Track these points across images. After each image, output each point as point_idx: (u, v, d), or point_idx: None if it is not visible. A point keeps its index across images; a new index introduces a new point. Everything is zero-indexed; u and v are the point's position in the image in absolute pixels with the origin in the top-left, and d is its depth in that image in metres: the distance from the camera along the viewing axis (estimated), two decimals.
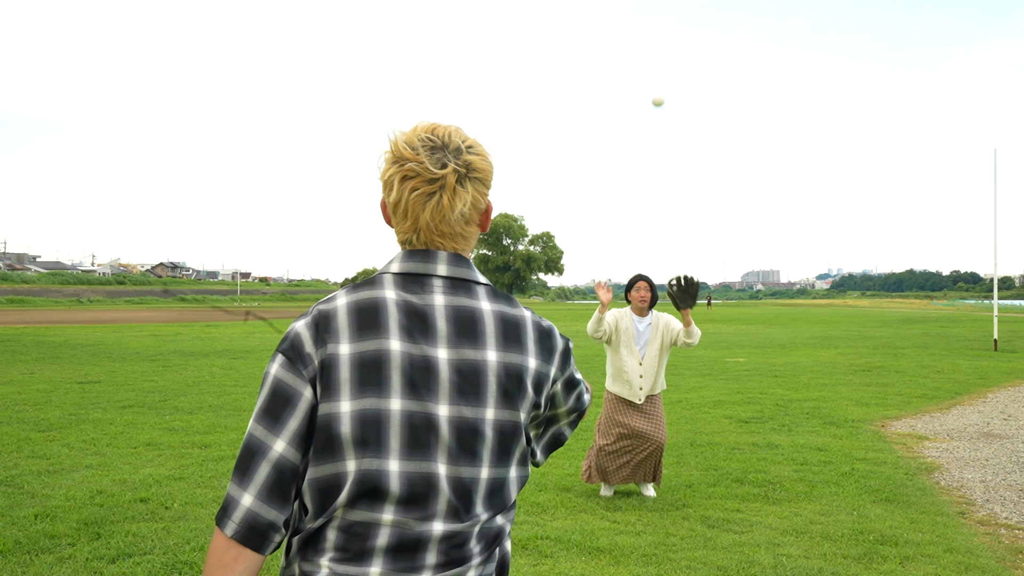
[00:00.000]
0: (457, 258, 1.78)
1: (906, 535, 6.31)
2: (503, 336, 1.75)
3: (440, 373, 1.67)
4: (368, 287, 1.73)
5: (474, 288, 1.77)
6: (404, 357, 1.66)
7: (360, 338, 1.66)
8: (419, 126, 1.77)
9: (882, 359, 22.12)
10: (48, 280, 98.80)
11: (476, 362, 1.70)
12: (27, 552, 5.78)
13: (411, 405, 1.65)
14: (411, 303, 1.71)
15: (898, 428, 11.24)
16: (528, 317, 1.82)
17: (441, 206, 1.73)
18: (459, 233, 1.78)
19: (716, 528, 6.50)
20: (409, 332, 1.68)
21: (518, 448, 1.76)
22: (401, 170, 1.73)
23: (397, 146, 1.74)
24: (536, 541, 6.09)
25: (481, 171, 1.78)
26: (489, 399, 1.70)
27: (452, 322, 1.71)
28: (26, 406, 12.44)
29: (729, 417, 11.88)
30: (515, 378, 1.74)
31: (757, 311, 79.40)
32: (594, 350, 25.13)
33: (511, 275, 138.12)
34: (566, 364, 1.90)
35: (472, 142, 1.79)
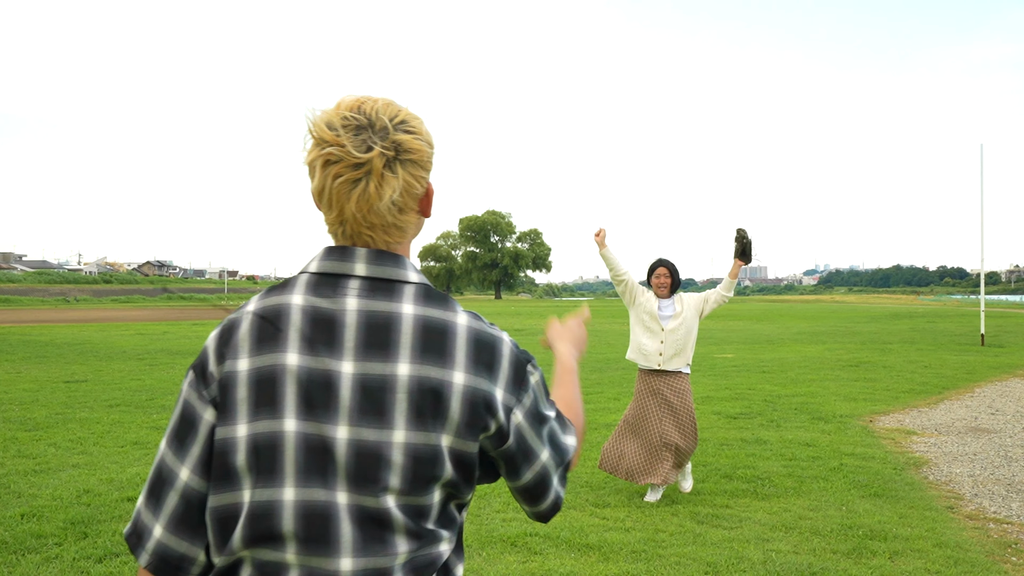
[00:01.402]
0: (380, 255, 1.56)
1: (895, 530, 6.31)
2: (422, 346, 1.50)
3: (340, 390, 1.47)
4: (279, 291, 1.56)
5: (398, 289, 1.54)
6: (302, 372, 1.47)
7: (258, 351, 1.50)
8: (342, 102, 1.56)
9: (869, 354, 22.18)
10: (34, 279, 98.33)
11: (383, 377, 1.48)
12: (14, 552, 5.74)
13: (307, 427, 1.46)
14: (319, 309, 1.51)
15: (886, 423, 11.27)
16: (463, 324, 1.55)
17: (367, 195, 1.52)
18: (391, 224, 1.56)
19: (705, 524, 6.50)
20: (311, 343, 1.49)
21: (444, 475, 1.51)
22: (323, 154, 1.52)
23: (317, 127, 1.53)
24: (525, 538, 6.07)
25: (414, 151, 1.55)
26: (397, 420, 1.47)
27: (362, 330, 1.50)
28: (12, 405, 12.37)
29: (717, 413, 11.88)
30: (431, 395, 1.48)
31: (745, 307, 79.54)
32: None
33: (499, 272, 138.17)
34: (520, 387, 1.59)
35: (405, 117, 1.57)
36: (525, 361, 1.62)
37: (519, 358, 1.61)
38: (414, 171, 1.56)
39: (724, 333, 32.91)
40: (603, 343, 27.07)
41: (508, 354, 1.58)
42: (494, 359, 1.56)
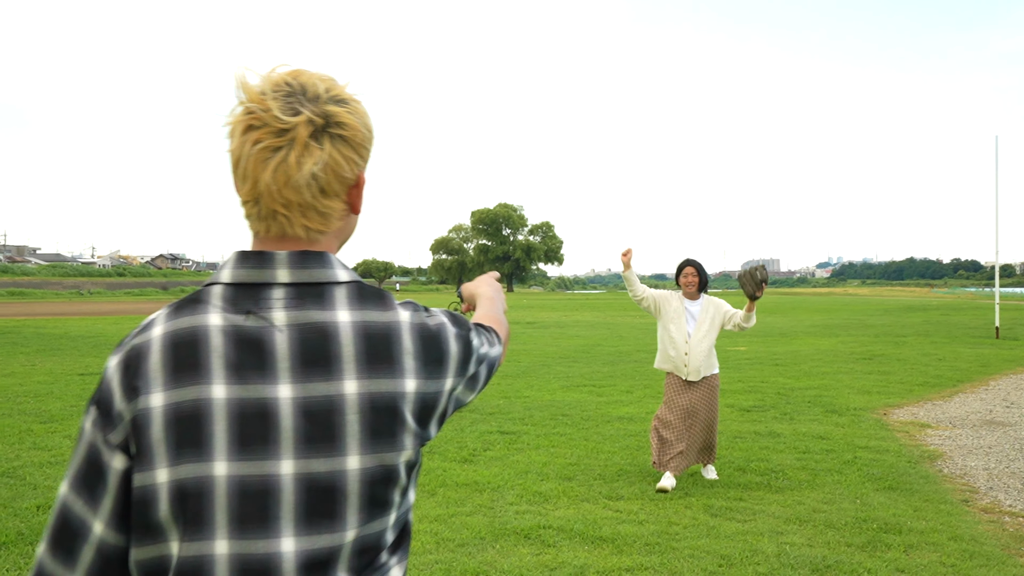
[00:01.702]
0: (302, 256, 1.36)
1: (910, 523, 6.29)
2: (367, 357, 1.33)
3: (280, 419, 1.28)
4: (190, 309, 1.34)
5: (330, 293, 1.36)
6: (232, 405, 1.28)
7: (176, 384, 1.29)
8: (277, 68, 1.39)
9: (883, 347, 22.13)
10: (48, 272, 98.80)
11: (329, 398, 1.30)
12: (30, 543, 5.77)
13: (242, 468, 1.27)
14: (242, 328, 1.31)
15: (900, 416, 11.24)
16: (405, 322, 1.39)
17: (286, 165, 1.32)
18: (311, 205, 1.35)
19: (719, 517, 6.49)
20: (238, 369, 1.29)
21: (397, 492, 1.37)
22: (245, 118, 1.34)
23: (244, 87, 1.34)
24: (539, 531, 6.08)
25: (348, 128, 1.37)
26: (350, 444, 1.30)
27: (297, 347, 1.31)
28: (27, 398, 12.43)
29: (731, 406, 11.86)
30: (386, 411, 1.33)
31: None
32: (595, 340, 25.14)
33: (511, 265, 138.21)
34: (467, 365, 1.48)
35: (342, 94, 1.39)
36: (467, 332, 1.50)
37: (463, 336, 1.48)
38: (344, 150, 1.37)
39: None
40: (615, 336, 27.06)
41: (454, 340, 1.45)
42: (443, 353, 1.42)
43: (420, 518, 6.34)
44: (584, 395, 13.07)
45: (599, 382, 14.62)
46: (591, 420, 10.68)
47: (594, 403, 12.19)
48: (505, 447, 8.94)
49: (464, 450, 8.67)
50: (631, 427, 10.16)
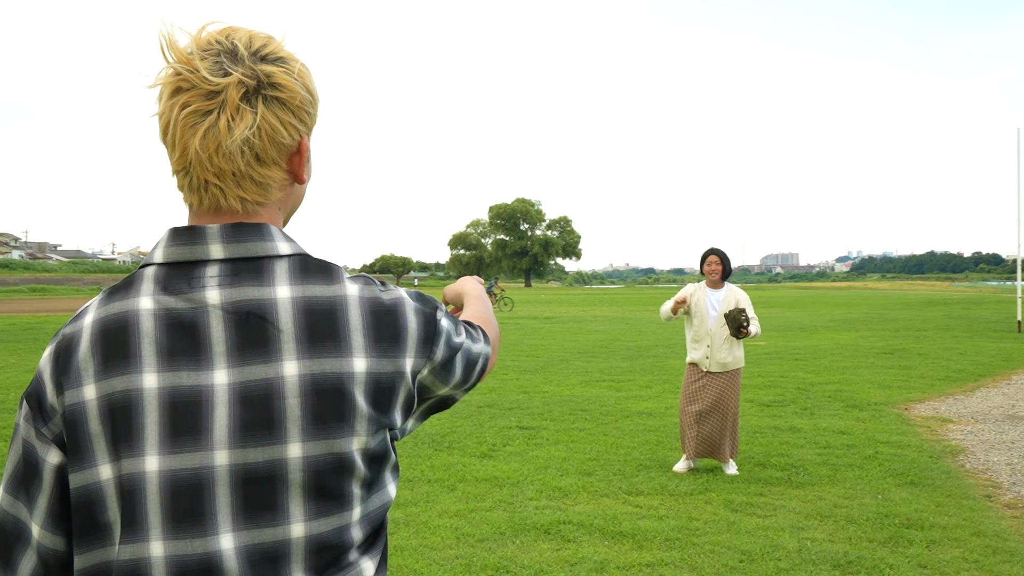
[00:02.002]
0: (236, 229, 1.25)
1: (932, 518, 6.26)
2: (309, 334, 1.22)
3: (215, 408, 1.19)
4: (122, 293, 1.25)
5: (268, 268, 1.24)
6: (164, 395, 1.18)
7: (105, 374, 1.20)
8: (207, 26, 1.26)
9: (904, 341, 22.00)
10: (69, 268, 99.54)
11: (267, 382, 1.19)
12: None
13: (174, 461, 1.17)
14: (174, 311, 1.21)
15: (921, 411, 11.17)
16: (353, 296, 1.26)
17: (216, 129, 1.21)
18: (245, 173, 1.24)
19: (739, 512, 6.47)
20: (170, 356, 1.20)
21: (355, 484, 1.25)
22: (172, 80, 1.23)
23: (170, 47, 1.22)
24: (558, 526, 6.07)
25: (284, 89, 1.25)
26: (291, 431, 1.19)
27: (232, 328, 1.21)
28: None
29: (750, 401, 11.82)
30: (332, 393, 1.21)
31: (776, 294, 79.13)
32: (614, 335, 25.12)
33: (528, 260, 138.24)
34: (432, 345, 1.34)
35: (279, 52, 1.27)
36: (433, 310, 1.36)
37: (425, 312, 1.34)
38: (281, 113, 1.25)
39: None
40: (634, 331, 27.02)
41: (413, 315, 1.32)
42: (399, 328, 1.29)
43: (440, 513, 6.35)
44: (603, 390, 13.05)
45: (618, 377, 14.60)
46: (610, 415, 10.67)
47: (613, 398, 12.18)
48: (524, 442, 8.94)
49: (483, 445, 8.68)
50: (650, 422, 10.14)
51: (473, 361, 1.45)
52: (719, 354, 7.67)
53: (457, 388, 1.44)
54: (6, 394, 12.47)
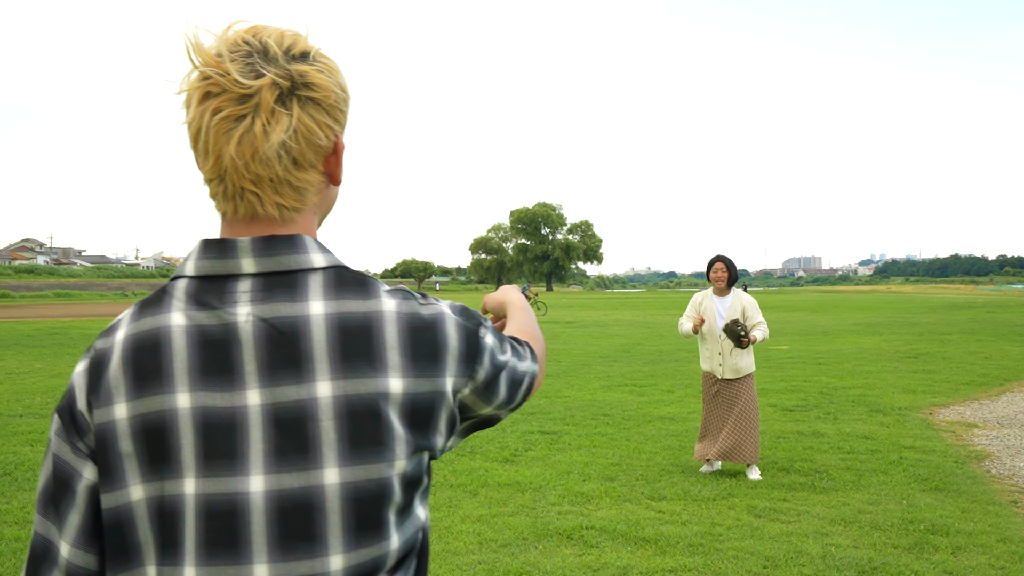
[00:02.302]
0: (268, 242, 1.19)
1: (957, 524, 6.21)
2: (342, 353, 1.16)
3: (249, 430, 1.14)
4: (153, 308, 1.21)
5: (302, 282, 1.19)
6: (197, 415, 1.14)
7: (139, 394, 1.16)
8: (234, 26, 1.21)
9: (928, 345, 21.85)
10: (94, 274, 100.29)
11: (300, 403, 1.14)
12: None
13: (208, 485, 1.13)
14: (205, 328, 1.17)
15: (946, 416, 11.09)
16: (389, 311, 1.20)
17: (252, 135, 1.15)
18: (283, 179, 1.19)
19: (763, 518, 6.44)
20: (202, 375, 1.15)
21: (392, 511, 1.19)
22: (201, 85, 1.17)
23: (197, 50, 1.17)
24: (581, 531, 6.07)
25: (318, 88, 1.19)
26: (326, 455, 1.14)
27: (264, 346, 1.16)
28: None
29: (773, 405, 11.78)
30: (367, 416, 1.15)
31: (799, 298, 78.79)
32: (635, 339, 25.08)
33: (550, 264, 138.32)
34: (474, 363, 1.26)
35: (309, 49, 1.22)
36: (476, 326, 1.28)
37: (467, 328, 1.27)
38: (316, 114, 1.20)
39: (779, 324, 32.60)
40: (655, 335, 26.97)
41: (455, 331, 1.25)
42: (438, 345, 1.22)
43: (462, 519, 6.36)
44: (625, 395, 13.03)
45: (640, 382, 14.58)
46: (632, 420, 10.65)
47: (635, 403, 12.16)
48: (546, 447, 8.94)
49: (505, 450, 8.68)
50: (673, 427, 10.12)
51: (519, 380, 1.37)
52: (730, 360, 7.75)
53: (501, 408, 1.35)
54: (32, 399, 12.58)
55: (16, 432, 9.82)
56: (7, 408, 11.69)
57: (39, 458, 8.39)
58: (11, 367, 17.09)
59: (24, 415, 11.08)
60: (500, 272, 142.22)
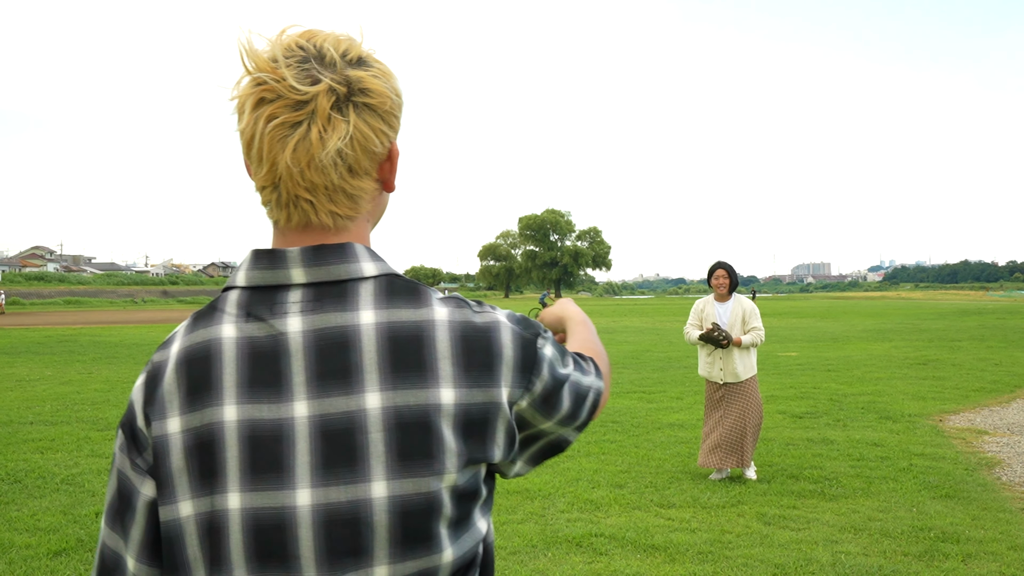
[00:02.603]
0: (318, 252, 1.17)
1: (968, 532, 6.20)
2: (392, 363, 1.13)
3: (296, 442, 1.12)
4: (206, 319, 1.20)
5: (352, 292, 1.16)
6: (244, 428, 1.13)
7: (190, 407, 1.15)
8: (287, 30, 1.19)
9: (938, 352, 21.79)
10: (103, 281, 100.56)
11: (348, 415, 1.12)
12: (89, 550, 5.87)
13: (255, 499, 1.12)
14: (255, 340, 1.15)
15: (956, 422, 11.06)
16: (441, 320, 1.17)
17: (308, 142, 1.14)
18: (338, 187, 1.17)
19: (772, 525, 6.43)
20: (250, 387, 1.14)
21: (442, 524, 1.15)
22: (256, 91, 1.15)
23: (251, 55, 1.15)
24: (590, 539, 6.07)
25: (375, 94, 1.17)
26: (375, 468, 1.11)
27: (313, 357, 1.14)
28: (85, 406, 12.65)
29: (782, 412, 11.76)
30: (416, 428, 1.12)
31: (808, 304, 78.66)
32: (644, 345, 25.07)
33: (558, 271, 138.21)
34: (531, 374, 1.21)
35: (363, 54, 1.20)
36: (534, 336, 1.23)
37: (524, 337, 1.22)
38: (372, 120, 1.18)
39: (788, 331, 32.55)
40: (664, 342, 26.93)
41: (510, 340, 1.20)
42: (492, 355, 1.18)
43: None
44: (634, 402, 13.02)
45: (649, 388, 14.57)
46: (641, 427, 10.64)
47: (644, 410, 12.14)
48: None
49: None
50: (682, 434, 10.11)
51: (583, 395, 1.30)
52: (729, 365, 7.85)
53: (566, 425, 1.29)
54: (42, 406, 12.63)
55: (26, 439, 9.85)
56: (17, 415, 11.74)
57: (49, 466, 8.43)
58: (21, 374, 17.16)
59: (34, 422, 11.13)
60: (509, 279, 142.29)
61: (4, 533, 6.22)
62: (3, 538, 6.10)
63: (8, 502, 7.10)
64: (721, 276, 8.05)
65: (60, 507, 6.90)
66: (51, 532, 6.24)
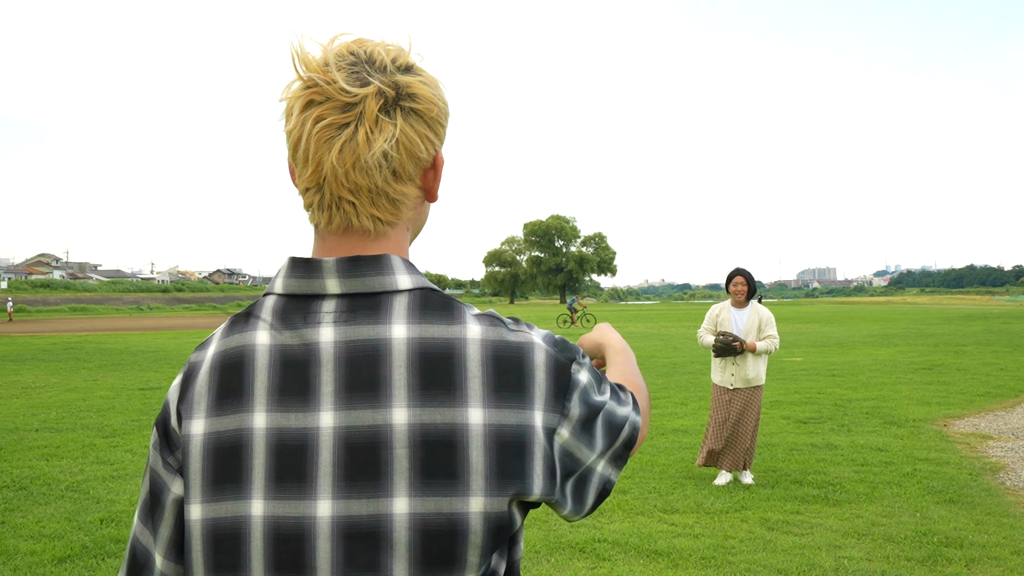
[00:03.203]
0: (353, 263, 1.17)
1: (971, 537, 6.19)
2: (422, 379, 1.12)
3: (319, 452, 1.12)
4: (241, 325, 1.21)
5: (386, 304, 1.16)
6: (271, 436, 1.13)
7: (219, 411, 1.16)
8: (338, 38, 1.20)
9: (943, 357, 21.76)
10: (109, 288, 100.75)
11: (374, 429, 1.11)
12: (94, 556, 5.89)
13: (278, 507, 1.12)
14: (288, 348, 1.16)
15: (961, 427, 11.05)
16: (474, 339, 1.15)
17: (355, 143, 1.14)
18: (381, 190, 1.17)
19: (776, 530, 6.43)
20: (280, 395, 1.14)
21: (470, 551, 1.11)
22: (305, 93, 1.16)
23: (303, 58, 1.17)
24: (593, 544, 6.07)
25: (422, 100, 1.18)
26: (397, 484, 1.10)
27: (343, 369, 1.13)
28: (90, 412, 12.68)
29: (787, 418, 11.75)
30: (441, 446, 1.10)
31: (813, 309, 78.53)
32: (649, 351, 25.05)
33: (564, 276, 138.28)
34: (564, 399, 1.17)
35: (411, 62, 1.21)
36: (568, 360, 1.19)
37: (558, 360, 1.18)
38: (418, 126, 1.18)
39: (793, 336, 32.51)
40: (669, 347, 26.92)
41: (543, 362, 1.17)
42: (524, 376, 1.14)
43: None
44: None
45: (653, 394, 14.55)
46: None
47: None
48: None
49: None
50: (686, 439, 10.10)
51: (618, 426, 1.25)
52: (742, 371, 7.92)
53: (603, 458, 1.23)
54: (48, 413, 12.66)
55: (32, 446, 9.88)
56: (23, 422, 11.77)
57: (55, 472, 8.45)
58: (27, 381, 17.21)
59: (40, 429, 11.16)
60: (514, 285, 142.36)
61: (9, 540, 6.25)
62: (8, 545, 6.13)
63: (13, 509, 7.12)
64: (740, 283, 8.12)
65: (65, 514, 6.93)
66: (55, 539, 6.26)
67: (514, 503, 1.14)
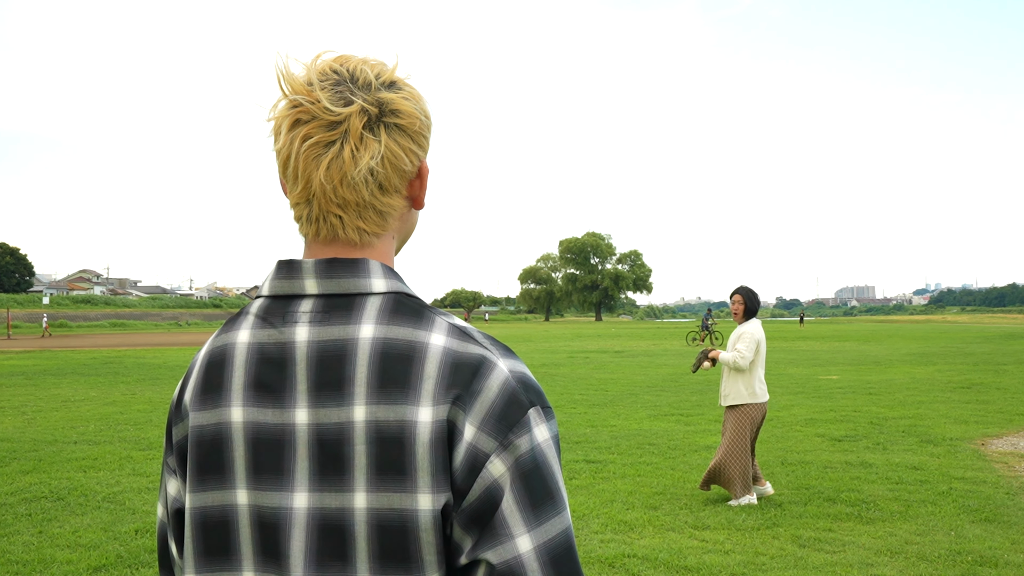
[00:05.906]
0: (330, 265, 1.21)
1: (1007, 556, 6.12)
2: (380, 379, 1.14)
3: (296, 447, 1.16)
4: (231, 324, 1.27)
5: (359, 306, 1.19)
6: (249, 430, 1.19)
7: (202, 405, 1.23)
8: (321, 55, 1.25)
9: (982, 376, 21.48)
10: (148, 304, 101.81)
11: (339, 426, 1.14)
12: (128, 566, 5.97)
13: (261, 497, 1.17)
14: (265, 346, 1.21)
15: (999, 446, 10.91)
16: (436, 345, 1.16)
17: (341, 160, 1.19)
18: (368, 203, 1.22)
19: (807, 547, 6.39)
20: (256, 391, 1.20)
21: (428, 550, 1.12)
22: (291, 113, 1.21)
23: (287, 79, 1.21)
24: (623, 559, 6.07)
25: (404, 115, 1.23)
26: (358, 479, 1.13)
27: (315, 366, 1.17)
28: (128, 426, 12.84)
29: (821, 435, 11.66)
30: (392, 443, 1.12)
31: (851, 328, 77.81)
32: (684, 368, 24.95)
33: (599, 294, 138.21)
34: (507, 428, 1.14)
35: (395, 78, 1.25)
36: (528, 403, 1.16)
37: (515, 394, 1.15)
38: (401, 140, 1.23)
39: (830, 354, 32.26)
40: None
41: (497, 383, 1.15)
42: (471, 382, 1.14)
43: None
44: (672, 424, 12.98)
45: (687, 411, 14.51)
46: (678, 449, 10.61)
47: (681, 432, 12.10)
48: (591, 476, 8.94)
49: None
50: None
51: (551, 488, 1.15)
52: (722, 388, 8.08)
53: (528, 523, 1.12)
54: (86, 426, 12.84)
55: (70, 458, 10.03)
56: (62, 435, 11.94)
57: (91, 484, 8.58)
58: (67, 395, 17.44)
59: (78, 442, 11.32)
60: (549, 302, 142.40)
61: (46, 549, 6.35)
62: (45, 554, 6.23)
63: (51, 519, 7.23)
64: (737, 301, 8.19)
65: (101, 524, 7.03)
66: (91, 548, 6.35)
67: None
